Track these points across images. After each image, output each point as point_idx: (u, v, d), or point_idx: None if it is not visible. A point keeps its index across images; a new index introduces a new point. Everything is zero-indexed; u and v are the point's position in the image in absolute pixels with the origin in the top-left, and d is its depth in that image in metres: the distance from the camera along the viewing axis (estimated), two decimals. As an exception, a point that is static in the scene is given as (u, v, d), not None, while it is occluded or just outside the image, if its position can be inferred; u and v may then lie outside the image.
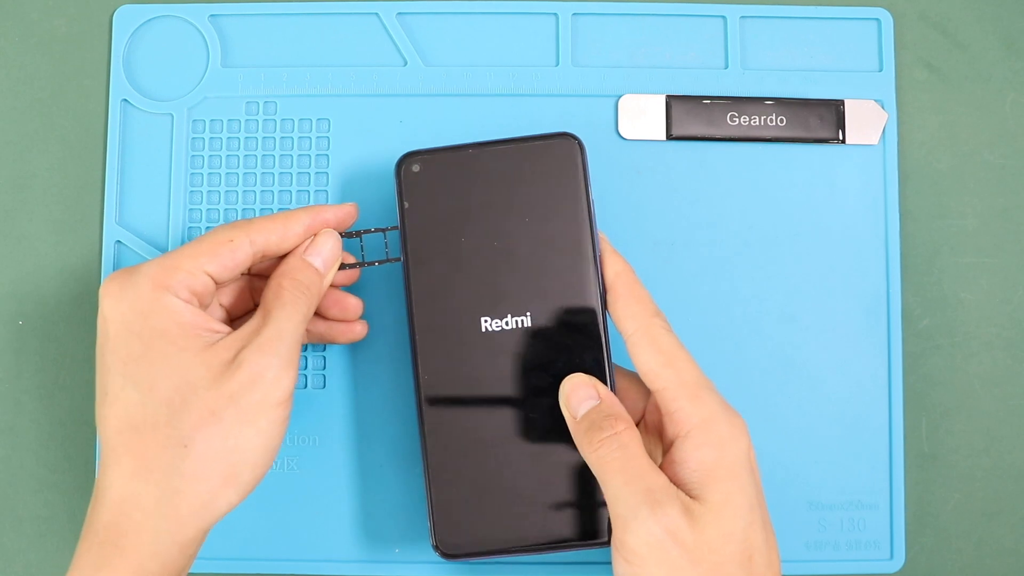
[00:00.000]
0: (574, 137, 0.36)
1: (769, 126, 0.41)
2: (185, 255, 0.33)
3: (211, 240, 0.33)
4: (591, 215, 0.35)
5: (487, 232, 0.35)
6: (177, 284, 0.32)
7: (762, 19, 0.42)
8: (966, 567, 0.41)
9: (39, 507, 0.40)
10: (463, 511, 0.35)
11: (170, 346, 0.32)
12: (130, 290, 0.32)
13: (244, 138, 0.41)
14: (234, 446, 0.31)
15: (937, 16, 0.42)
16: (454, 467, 0.35)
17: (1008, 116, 0.42)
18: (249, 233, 0.34)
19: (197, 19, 0.41)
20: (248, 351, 0.32)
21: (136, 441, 0.31)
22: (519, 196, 0.35)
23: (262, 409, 0.32)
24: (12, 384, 0.41)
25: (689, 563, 0.31)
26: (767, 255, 0.41)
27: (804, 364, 0.40)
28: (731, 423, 0.33)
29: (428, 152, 0.36)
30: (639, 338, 0.34)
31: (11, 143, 0.42)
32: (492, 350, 0.35)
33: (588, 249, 0.35)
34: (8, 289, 0.41)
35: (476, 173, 0.36)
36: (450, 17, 0.42)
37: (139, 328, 0.32)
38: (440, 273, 0.35)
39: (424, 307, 0.35)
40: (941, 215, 0.42)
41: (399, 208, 0.36)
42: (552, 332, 0.35)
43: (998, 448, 0.41)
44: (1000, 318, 0.41)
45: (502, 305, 0.35)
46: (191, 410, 0.31)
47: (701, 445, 0.32)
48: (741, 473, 0.32)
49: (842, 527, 0.40)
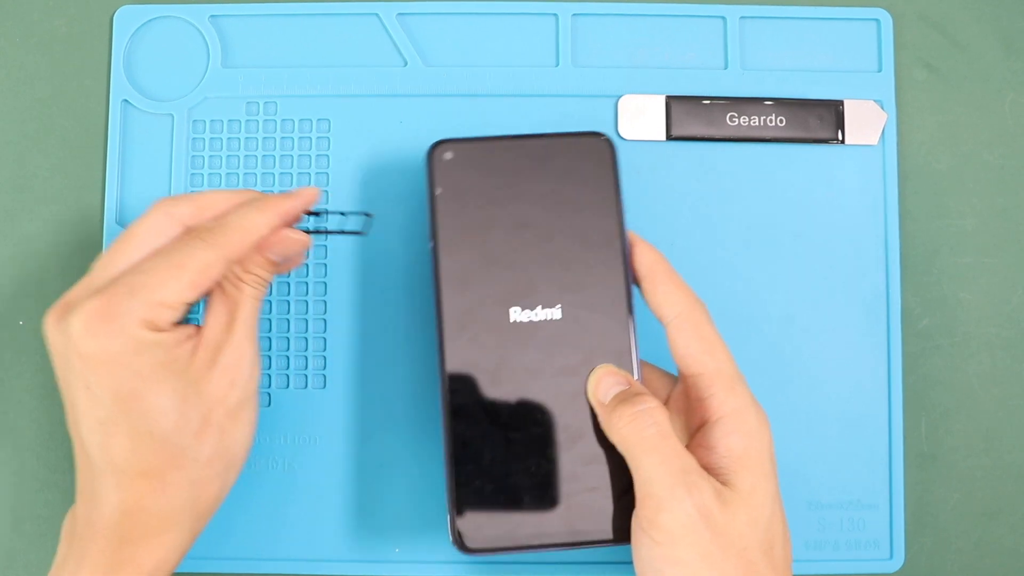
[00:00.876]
0: (605, 136, 0.36)
1: (769, 126, 0.41)
2: (172, 291, 0.32)
3: (189, 267, 0.32)
4: (621, 212, 0.35)
5: (518, 223, 0.35)
6: (163, 321, 0.32)
7: (762, 19, 0.42)
8: (966, 567, 0.41)
9: (39, 507, 0.40)
10: (485, 505, 0.35)
11: (163, 381, 0.32)
12: (115, 330, 0.31)
13: (244, 138, 0.41)
14: (230, 442, 0.33)
15: (936, 16, 0.43)
16: (477, 459, 0.35)
17: (1007, 116, 0.42)
18: (226, 254, 0.33)
19: (197, 19, 0.41)
20: (224, 355, 0.33)
21: (144, 462, 0.32)
22: (550, 189, 0.35)
23: (243, 404, 0.34)
24: (12, 384, 0.41)
25: (718, 547, 0.31)
26: (767, 255, 0.41)
27: (804, 364, 0.40)
28: (759, 416, 0.33)
29: (461, 141, 0.36)
30: (682, 322, 0.34)
31: (11, 143, 0.42)
32: (520, 341, 0.35)
33: (618, 245, 0.35)
34: (8, 289, 0.41)
35: (508, 164, 0.36)
36: (450, 17, 0.42)
37: (131, 364, 0.31)
38: (470, 261, 0.35)
39: (453, 295, 0.35)
40: (941, 215, 0.42)
41: (429, 194, 0.35)
42: (581, 325, 0.35)
43: (998, 448, 0.41)
44: (1000, 318, 0.41)
45: (532, 296, 0.35)
46: (188, 424, 0.32)
47: (732, 432, 0.32)
48: (767, 464, 0.33)
49: (842, 527, 0.40)
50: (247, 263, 0.34)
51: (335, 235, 0.39)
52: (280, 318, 0.40)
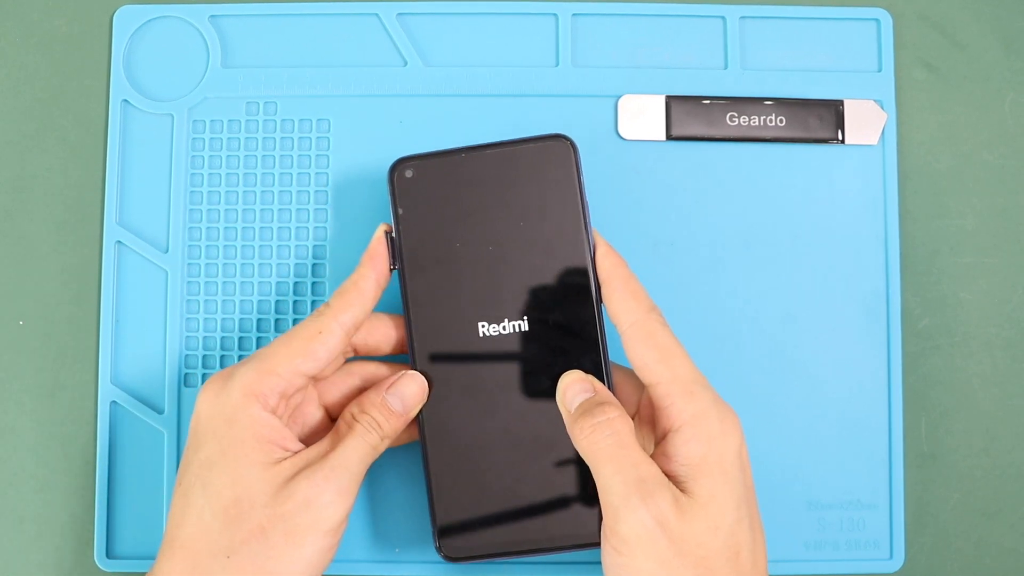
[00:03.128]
0: (566, 138, 0.36)
1: (769, 126, 0.41)
2: (280, 357, 0.33)
3: (302, 336, 0.34)
4: (585, 216, 0.36)
5: (482, 237, 0.36)
6: (269, 391, 0.33)
7: (761, 19, 0.42)
8: (966, 567, 0.41)
9: (39, 507, 0.40)
10: (465, 515, 0.35)
11: (242, 458, 0.32)
12: (223, 395, 0.33)
13: (244, 138, 0.41)
14: (275, 567, 0.32)
15: (936, 16, 0.43)
16: (455, 471, 0.35)
17: (1007, 116, 0.42)
18: (336, 316, 0.34)
19: (197, 20, 0.41)
20: (306, 474, 0.33)
21: (190, 541, 0.32)
22: (513, 199, 0.36)
23: (310, 534, 0.32)
24: (12, 384, 0.41)
25: (676, 554, 0.31)
26: (767, 255, 0.41)
27: (804, 364, 0.40)
28: (722, 420, 0.33)
29: (421, 157, 0.36)
30: (634, 332, 0.34)
31: (11, 143, 0.42)
32: (491, 355, 0.35)
33: (583, 251, 0.35)
34: (8, 289, 0.41)
35: (469, 177, 0.36)
36: (450, 17, 0.42)
37: (222, 434, 0.33)
38: (436, 279, 0.36)
39: (421, 313, 0.36)
40: (941, 215, 0.42)
41: (393, 215, 0.36)
42: (549, 335, 0.35)
43: (998, 448, 0.41)
44: (999, 318, 0.41)
45: (499, 310, 0.35)
46: (243, 523, 0.32)
47: (690, 440, 0.32)
48: (729, 469, 0.32)
49: (841, 527, 0.40)
50: (365, 403, 0.35)
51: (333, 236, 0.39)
52: (282, 318, 0.40)
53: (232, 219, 0.41)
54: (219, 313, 0.40)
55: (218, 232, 0.40)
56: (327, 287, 0.40)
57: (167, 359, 0.40)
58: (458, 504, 0.35)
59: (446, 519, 0.35)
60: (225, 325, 0.40)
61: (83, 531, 0.40)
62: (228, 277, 0.40)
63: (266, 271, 0.40)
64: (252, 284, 0.40)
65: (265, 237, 0.40)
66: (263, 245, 0.40)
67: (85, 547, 0.40)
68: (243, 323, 0.40)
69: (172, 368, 0.40)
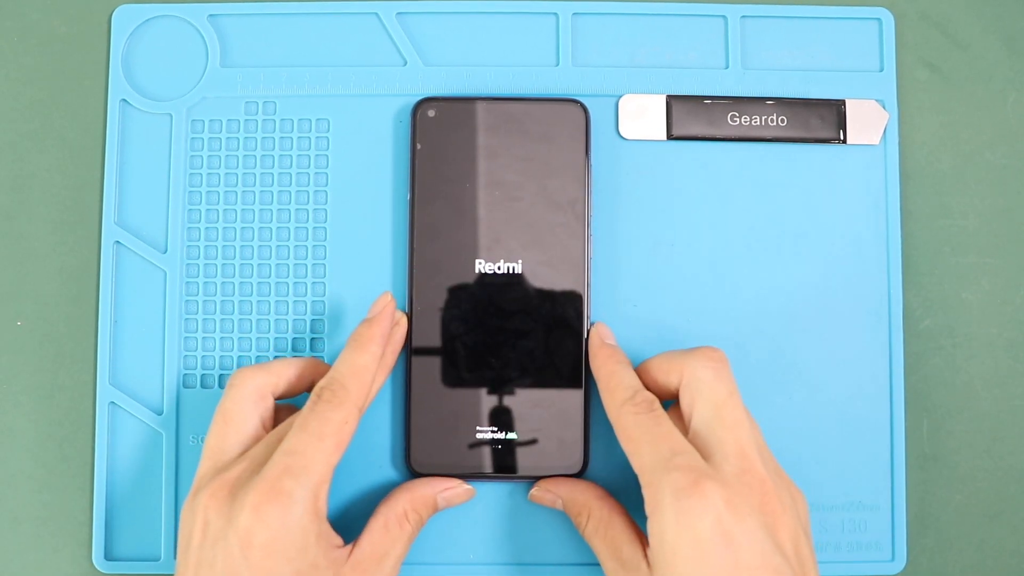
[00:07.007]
0: (581, 104, 0.39)
1: (770, 126, 0.41)
2: (320, 463, 0.33)
3: (333, 433, 0.34)
4: (588, 178, 0.38)
5: (490, 180, 0.38)
6: (322, 498, 0.33)
7: (763, 19, 0.42)
8: (968, 568, 0.40)
9: (38, 508, 0.40)
10: (440, 436, 0.38)
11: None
12: (288, 517, 0.32)
13: (243, 138, 0.41)
14: None
15: (938, 16, 0.42)
16: (435, 392, 0.38)
17: (1009, 116, 0.42)
18: (357, 404, 0.35)
19: (196, 19, 0.41)
20: (354, 568, 0.33)
21: None
22: (524, 150, 0.38)
23: None
24: (11, 384, 0.41)
25: None
26: (768, 255, 0.40)
27: (805, 364, 0.40)
28: (679, 508, 0.31)
29: (444, 99, 0.39)
30: (614, 423, 0.35)
31: (10, 143, 0.42)
32: (483, 290, 0.38)
33: (582, 209, 0.38)
34: (7, 289, 0.41)
35: (486, 124, 0.39)
36: (450, 17, 0.42)
37: (292, 556, 0.32)
38: (442, 213, 0.38)
39: (424, 243, 0.38)
40: (942, 215, 0.42)
41: (411, 149, 0.39)
42: (540, 281, 0.38)
43: (1000, 449, 0.41)
44: (1001, 318, 0.41)
45: (496, 250, 0.38)
46: None
47: (653, 532, 0.32)
48: (696, 553, 0.31)
49: (843, 528, 0.40)
50: (418, 504, 0.36)
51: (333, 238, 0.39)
52: (281, 318, 0.40)
53: (231, 219, 0.40)
54: (218, 314, 0.40)
55: (217, 232, 0.40)
56: (326, 287, 0.40)
57: (166, 360, 0.40)
58: (432, 421, 0.38)
59: (417, 434, 0.38)
60: (224, 326, 0.40)
61: (81, 532, 0.40)
62: (227, 277, 0.40)
63: (265, 271, 0.40)
64: (251, 284, 0.40)
65: (264, 237, 0.40)
66: (262, 245, 0.40)
67: (83, 548, 0.40)
68: (242, 324, 0.40)
69: (171, 369, 0.40)
